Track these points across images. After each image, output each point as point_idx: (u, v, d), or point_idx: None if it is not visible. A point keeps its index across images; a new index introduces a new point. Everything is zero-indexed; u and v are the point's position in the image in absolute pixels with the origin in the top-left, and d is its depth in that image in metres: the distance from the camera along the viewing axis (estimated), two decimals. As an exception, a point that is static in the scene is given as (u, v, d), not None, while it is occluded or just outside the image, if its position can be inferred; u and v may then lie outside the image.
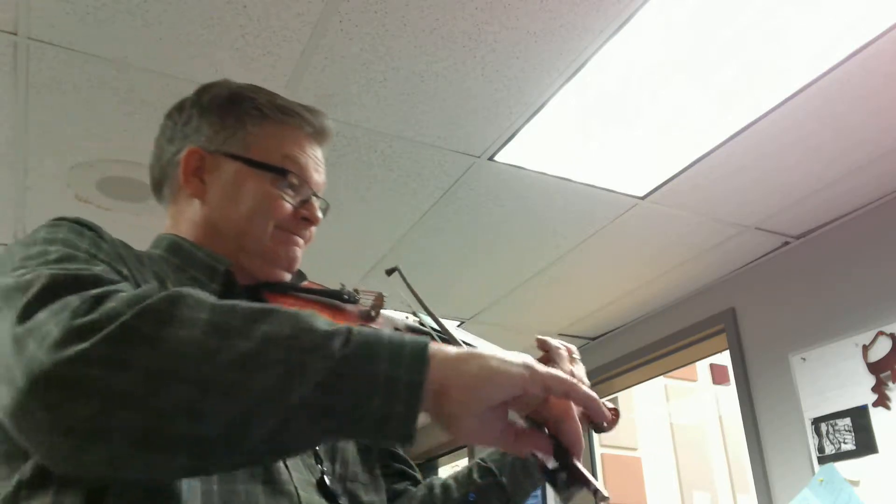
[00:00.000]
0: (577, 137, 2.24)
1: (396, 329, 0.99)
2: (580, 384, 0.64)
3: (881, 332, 2.50)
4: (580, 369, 1.07)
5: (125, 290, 0.63)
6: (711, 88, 2.03)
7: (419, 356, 0.60)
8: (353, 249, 2.86)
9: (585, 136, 2.23)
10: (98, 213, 2.56)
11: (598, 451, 4.13)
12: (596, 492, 0.61)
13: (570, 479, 0.62)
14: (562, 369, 1.03)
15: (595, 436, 4.12)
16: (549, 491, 3.94)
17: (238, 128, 0.96)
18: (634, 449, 4.71)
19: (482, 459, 1.07)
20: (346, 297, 0.98)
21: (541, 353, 1.10)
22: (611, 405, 1.13)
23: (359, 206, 2.56)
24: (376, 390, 0.58)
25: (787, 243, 2.91)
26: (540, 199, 2.55)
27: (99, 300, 0.60)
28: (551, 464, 0.64)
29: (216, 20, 1.77)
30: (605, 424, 1.13)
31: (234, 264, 0.92)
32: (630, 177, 2.45)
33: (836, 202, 2.63)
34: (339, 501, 0.86)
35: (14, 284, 0.65)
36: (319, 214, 0.99)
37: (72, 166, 2.32)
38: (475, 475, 1.06)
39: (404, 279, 0.99)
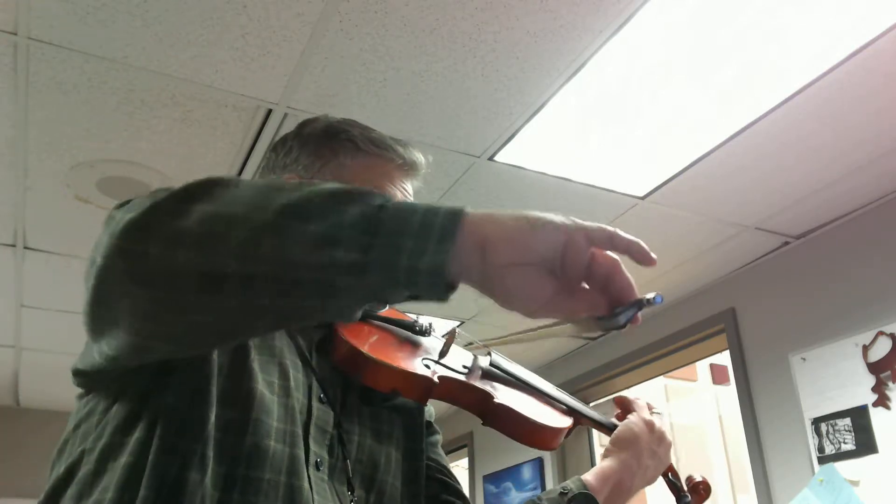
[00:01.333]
0: (577, 137, 2.24)
1: (465, 367, 1.02)
2: (620, 231, 0.63)
3: (881, 332, 2.50)
4: (660, 419, 1.12)
5: None
6: (711, 88, 2.03)
7: (455, 210, 0.62)
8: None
9: (585, 136, 2.23)
10: (98, 214, 2.56)
11: (598, 451, 4.13)
12: (647, 301, 0.62)
13: (628, 313, 0.63)
14: (641, 416, 1.10)
15: (595, 436, 4.12)
16: (548, 477, 3.95)
17: (332, 158, 1.02)
18: (634, 449, 4.70)
19: (538, 498, 1.05)
20: (418, 329, 1.02)
21: (618, 411, 1.15)
22: (700, 478, 1.15)
23: (359, 206, 2.55)
24: (409, 232, 0.59)
25: (787, 243, 2.91)
26: (540, 199, 2.55)
27: (169, 189, 0.67)
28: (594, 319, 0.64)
29: (216, 20, 1.77)
30: (688, 498, 1.13)
31: None
32: (630, 177, 2.45)
33: (836, 202, 2.63)
34: None
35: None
36: None
37: (72, 166, 2.32)
38: None
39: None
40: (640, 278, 0.62)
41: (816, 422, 2.65)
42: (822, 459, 2.60)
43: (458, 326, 1.01)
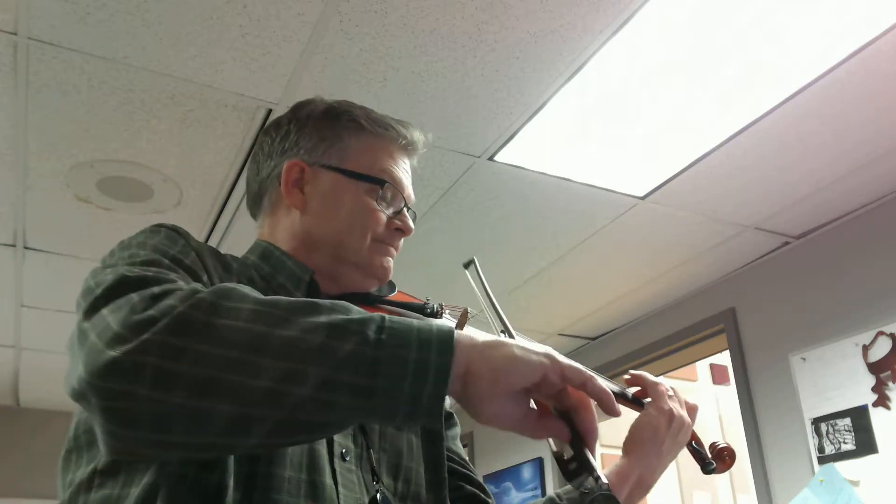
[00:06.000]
0: (577, 137, 2.24)
1: None
2: (597, 378, 0.69)
3: (881, 332, 2.50)
4: (678, 405, 1.06)
5: (183, 288, 0.68)
6: (711, 88, 2.03)
7: (446, 342, 0.64)
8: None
9: (585, 136, 2.23)
10: (98, 213, 2.56)
11: (598, 450, 4.13)
12: (598, 479, 0.65)
13: (580, 468, 0.66)
14: (660, 407, 1.03)
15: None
16: (548, 476, 3.95)
17: (336, 140, 1.01)
18: (634, 449, 4.70)
19: (557, 496, 1.04)
20: (429, 311, 1.01)
21: (636, 389, 1.08)
22: (724, 444, 1.09)
23: (359, 206, 2.55)
24: (407, 373, 0.63)
25: (787, 243, 2.91)
26: (540, 199, 2.55)
27: (157, 297, 0.65)
28: (567, 452, 0.68)
29: (216, 20, 1.77)
30: (713, 465, 1.08)
31: (318, 273, 0.95)
32: (630, 177, 2.45)
33: (836, 202, 2.63)
34: None
35: (93, 283, 0.72)
36: (412, 225, 1.03)
37: (72, 166, 2.32)
38: None
39: (479, 274, 1.03)
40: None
41: (816, 422, 2.65)
42: (822, 459, 2.60)
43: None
